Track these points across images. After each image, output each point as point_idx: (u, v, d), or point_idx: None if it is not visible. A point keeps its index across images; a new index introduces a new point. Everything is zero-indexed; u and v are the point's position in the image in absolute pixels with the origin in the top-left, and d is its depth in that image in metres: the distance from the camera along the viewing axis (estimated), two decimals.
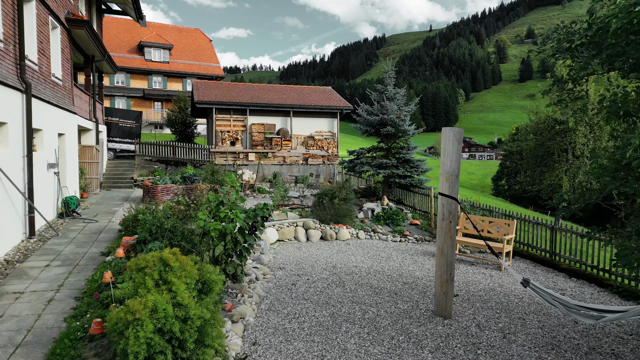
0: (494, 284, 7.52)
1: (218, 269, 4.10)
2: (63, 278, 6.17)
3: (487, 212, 10.67)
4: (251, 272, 6.84)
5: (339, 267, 8.24)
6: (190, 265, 3.77)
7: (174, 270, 3.63)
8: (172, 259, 3.56)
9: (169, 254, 3.60)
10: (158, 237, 6.48)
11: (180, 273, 3.63)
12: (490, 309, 6.33)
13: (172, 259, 3.58)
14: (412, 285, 7.22)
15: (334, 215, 10.95)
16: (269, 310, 5.84)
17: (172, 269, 3.58)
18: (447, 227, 5.83)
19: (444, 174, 5.86)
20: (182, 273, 3.66)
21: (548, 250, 8.91)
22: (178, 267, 3.60)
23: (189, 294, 3.65)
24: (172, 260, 3.56)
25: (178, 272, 3.61)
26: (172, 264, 3.56)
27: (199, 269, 4.08)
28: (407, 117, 13.74)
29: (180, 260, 3.68)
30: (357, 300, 6.39)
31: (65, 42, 11.79)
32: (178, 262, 3.61)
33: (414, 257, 9.19)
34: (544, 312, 6.32)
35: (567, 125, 21.85)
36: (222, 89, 20.94)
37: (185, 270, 3.73)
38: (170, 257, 3.55)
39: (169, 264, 3.57)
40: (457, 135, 5.83)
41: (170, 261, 3.56)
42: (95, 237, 8.57)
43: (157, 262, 3.62)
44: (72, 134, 11.95)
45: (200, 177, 13.16)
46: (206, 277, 3.81)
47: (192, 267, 3.76)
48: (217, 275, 3.91)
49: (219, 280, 3.83)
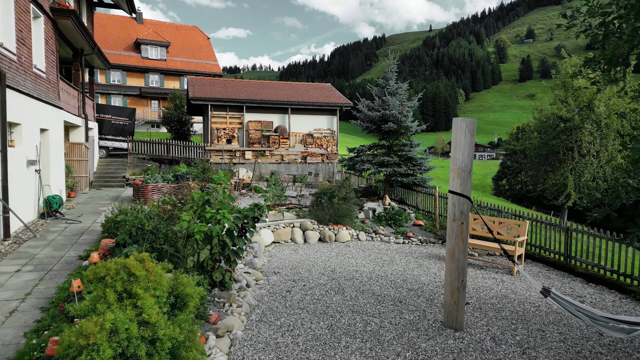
0: (506, 290, 6.92)
1: (196, 280, 3.50)
2: (32, 285, 5.56)
3: (495, 212, 10.07)
4: (242, 278, 6.24)
5: (338, 271, 7.65)
6: (160, 274, 3.16)
7: (141, 280, 3.03)
8: (137, 266, 2.96)
9: (133, 261, 3.00)
10: (139, 240, 5.88)
11: (148, 284, 3.03)
12: (505, 319, 5.73)
13: (138, 266, 2.98)
14: (417, 292, 6.62)
15: (333, 215, 10.35)
16: (260, 322, 5.24)
17: (138, 279, 2.98)
18: (458, 228, 5.23)
19: (454, 170, 5.27)
20: (151, 284, 3.06)
21: (562, 253, 8.31)
22: (145, 276, 3.00)
23: (159, 310, 3.05)
24: (137, 268, 2.96)
25: (145, 283, 3.01)
26: (137, 272, 2.96)
27: (175, 278, 3.48)
28: (410, 112, 13.14)
29: (148, 268, 3.07)
30: (358, 309, 5.79)
31: (50, 33, 11.18)
32: (145, 270, 3.01)
33: (418, 261, 8.59)
34: (564, 322, 5.73)
35: (573, 123, 21.25)
36: (218, 86, 20.33)
37: (155, 280, 3.13)
38: (134, 264, 2.95)
39: (133, 273, 2.96)
40: (470, 126, 5.23)
41: (135, 269, 2.96)
42: (76, 239, 7.96)
43: (120, 271, 3.02)
44: (57, 129, 11.34)
45: (193, 175, 12.56)
46: (180, 289, 3.20)
47: (162, 276, 3.16)
48: (194, 287, 3.30)
49: (196, 294, 3.23)
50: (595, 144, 21.15)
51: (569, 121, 21.56)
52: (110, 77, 36.61)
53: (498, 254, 9.24)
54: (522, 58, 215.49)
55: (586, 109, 21.08)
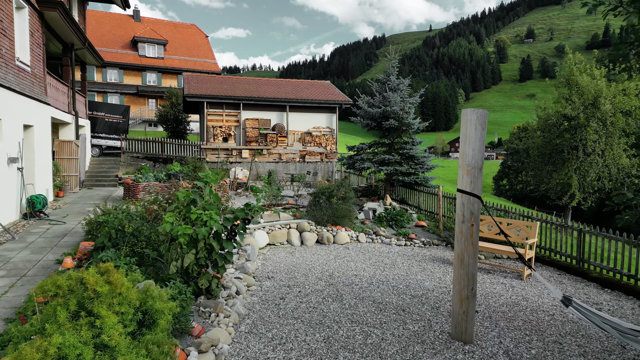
0: (517, 297, 6.44)
1: (169, 293, 3.02)
2: (1, 293, 5.08)
3: (502, 213, 9.59)
4: (231, 284, 5.76)
5: (336, 276, 7.16)
6: (128, 287, 2.68)
7: (102, 296, 2.54)
8: (95, 282, 2.48)
9: (93, 275, 2.52)
10: (119, 243, 5.40)
11: (112, 300, 2.55)
12: (518, 329, 5.25)
13: (98, 281, 2.50)
14: (422, 299, 6.14)
15: (332, 216, 9.87)
16: (250, 334, 4.75)
17: (100, 296, 2.50)
18: (468, 231, 4.75)
19: (464, 166, 4.78)
20: (115, 299, 2.57)
21: (575, 256, 7.83)
22: (107, 292, 2.52)
23: (122, 330, 2.57)
24: (97, 283, 2.48)
25: (109, 299, 2.53)
26: (98, 288, 2.47)
27: (145, 290, 3.00)
28: (412, 109, 12.65)
29: (113, 280, 2.59)
30: (357, 319, 5.31)
31: (36, 25, 10.70)
32: (108, 284, 2.53)
33: (421, 264, 8.10)
34: (581, 333, 5.25)
35: (578, 121, 20.76)
36: (214, 82, 19.84)
37: (121, 294, 2.65)
38: (92, 280, 2.47)
39: (94, 288, 2.48)
40: (481, 117, 4.75)
41: (96, 284, 2.48)
42: (57, 241, 7.48)
43: (76, 287, 2.54)
44: (43, 126, 10.85)
45: (184, 173, 12.07)
46: (149, 304, 2.72)
47: (130, 289, 2.68)
48: (166, 301, 2.82)
49: (167, 310, 2.75)
50: (600, 143, 20.67)
51: (574, 119, 21.07)
52: (107, 76, 36.11)
53: (505, 257, 8.76)
54: (522, 58, 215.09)
55: (591, 106, 20.60)
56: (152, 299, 2.71)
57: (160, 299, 2.76)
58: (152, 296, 2.73)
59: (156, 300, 2.73)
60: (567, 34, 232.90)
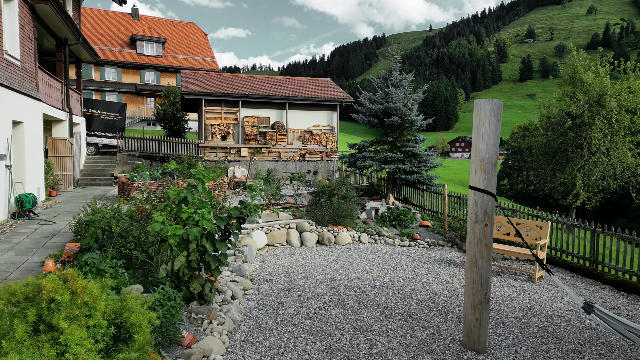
0: (529, 301, 6.08)
1: (151, 300, 2.66)
2: None
3: (510, 212, 9.23)
4: (226, 288, 5.40)
5: (338, 278, 6.81)
6: (95, 296, 2.32)
7: (64, 307, 2.18)
8: (54, 289, 2.12)
9: (51, 282, 2.16)
10: (106, 244, 5.04)
11: (76, 311, 2.19)
12: (534, 337, 4.89)
13: (57, 289, 2.13)
14: (429, 304, 5.78)
15: (333, 215, 9.51)
16: (246, 342, 4.40)
17: (59, 306, 2.14)
18: (481, 231, 4.39)
19: (477, 162, 4.43)
20: (80, 311, 2.21)
21: (588, 257, 7.47)
22: (69, 301, 2.16)
23: (92, 346, 2.21)
24: (55, 291, 2.12)
25: (71, 310, 2.17)
26: (57, 296, 2.11)
27: (122, 299, 2.63)
28: (415, 106, 12.29)
29: (76, 289, 2.23)
30: (361, 325, 4.95)
31: (27, 18, 10.34)
32: (71, 293, 2.17)
33: (427, 266, 7.74)
34: (602, 340, 4.89)
35: (582, 119, 20.37)
36: (212, 80, 19.48)
37: (89, 305, 2.29)
38: (49, 286, 2.10)
39: (52, 297, 2.12)
40: (496, 109, 4.40)
41: (55, 292, 2.12)
42: (45, 242, 7.12)
43: (32, 294, 2.17)
44: (34, 123, 10.49)
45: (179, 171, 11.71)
46: (124, 316, 2.36)
47: (98, 298, 2.31)
48: (144, 312, 2.46)
49: (145, 323, 2.39)
50: (605, 141, 20.27)
51: (578, 117, 20.69)
52: (105, 74, 35.74)
53: (514, 258, 8.41)
54: (522, 58, 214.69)
55: (596, 104, 20.23)
56: (128, 310, 2.35)
57: (138, 311, 2.38)
58: (128, 307, 2.37)
59: (131, 312, 2.36)
60: (568, 33, 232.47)
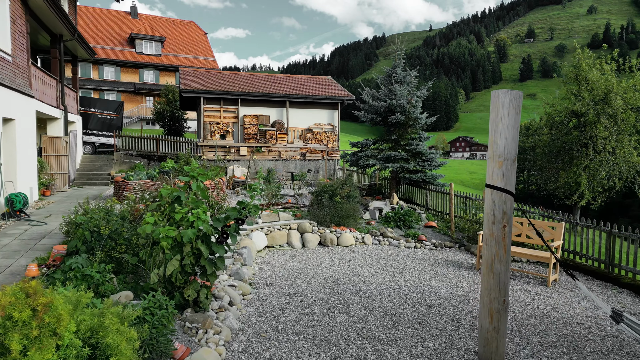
0: (545, 307, 5.74)
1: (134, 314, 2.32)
2: None
3: (519, 213, 8.89)
4: (224, 293, 5.06)
5: (341, 282, 6.47)
6: (61, 313, 1.97)
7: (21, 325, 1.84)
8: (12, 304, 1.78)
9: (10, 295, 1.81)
10: (95, 247, 4.71)
11: (38, 331, 1.85)
12: (553, 346, 4.55)
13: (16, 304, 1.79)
14: (439, 310, 5.44)
15: (335, 215, 9.18)
16: (244, 353, 4.06)
17: (16, 325, 1.80)
18: (499, 233, 4.05)
19: (495, 158, 4.09)
20: (44, 331, 1.87)
21: (603, 260, 7.13)
22: (27, 319, 1.82)
23: None
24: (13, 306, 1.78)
25: (31, 330, 1.82)
26: (15, 314, 1.77)
27: (100, 314, 2.29)
28: (419, 103, 11.95)
29: (37, 305, 1.89)
30: (368, 334, 4.61)
31: (19, 12, 10.00)
32: (31, 310, 1.83)
33: (435, 269, 7.41)
34: (626, 350, 4.55)
35: (587, 118, 20.03)
36: (211, 77, 19.14)
37: (58, 322, 1.94)
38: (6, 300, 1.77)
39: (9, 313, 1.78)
40: (515, 100, 4.06)
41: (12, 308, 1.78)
42: (34, 243, 6.78)
43: None
44: (26, 120, 10.15)
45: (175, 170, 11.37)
46: (99, 336, 2.02)
47: (64, 317, 1.97)
48: (125, 330, 2.11)
49: (123, 344, 2.04)
50: (611, 140, 19.93)
51: (583, 116, 20.35)
52: (104, 73, 35.43)
53: (525, 260, 8.07)
54: (522, 57, 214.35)
55: (601, 102, 19.89)
56: (104, 329, 2.01)
57: (115, 330, 2.03)
58: (104, 325, 2.02)
59: (108, 332, 2.01)
60: (568, 33, 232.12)
